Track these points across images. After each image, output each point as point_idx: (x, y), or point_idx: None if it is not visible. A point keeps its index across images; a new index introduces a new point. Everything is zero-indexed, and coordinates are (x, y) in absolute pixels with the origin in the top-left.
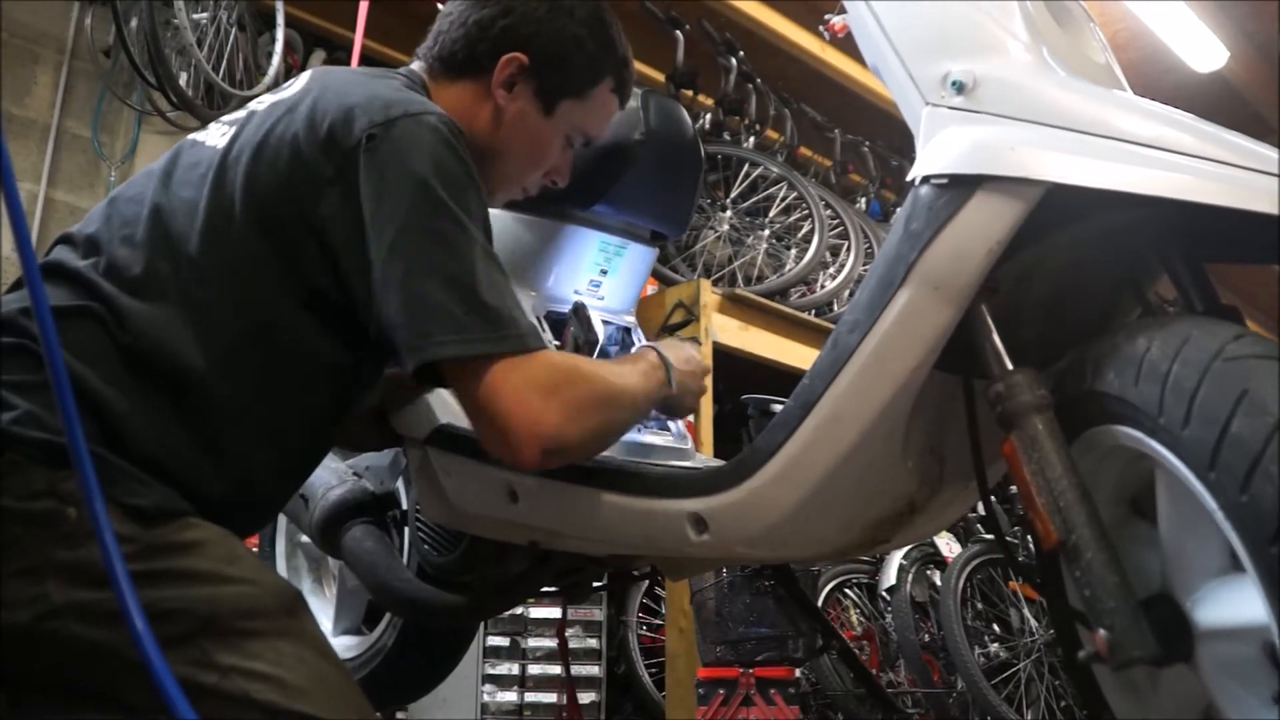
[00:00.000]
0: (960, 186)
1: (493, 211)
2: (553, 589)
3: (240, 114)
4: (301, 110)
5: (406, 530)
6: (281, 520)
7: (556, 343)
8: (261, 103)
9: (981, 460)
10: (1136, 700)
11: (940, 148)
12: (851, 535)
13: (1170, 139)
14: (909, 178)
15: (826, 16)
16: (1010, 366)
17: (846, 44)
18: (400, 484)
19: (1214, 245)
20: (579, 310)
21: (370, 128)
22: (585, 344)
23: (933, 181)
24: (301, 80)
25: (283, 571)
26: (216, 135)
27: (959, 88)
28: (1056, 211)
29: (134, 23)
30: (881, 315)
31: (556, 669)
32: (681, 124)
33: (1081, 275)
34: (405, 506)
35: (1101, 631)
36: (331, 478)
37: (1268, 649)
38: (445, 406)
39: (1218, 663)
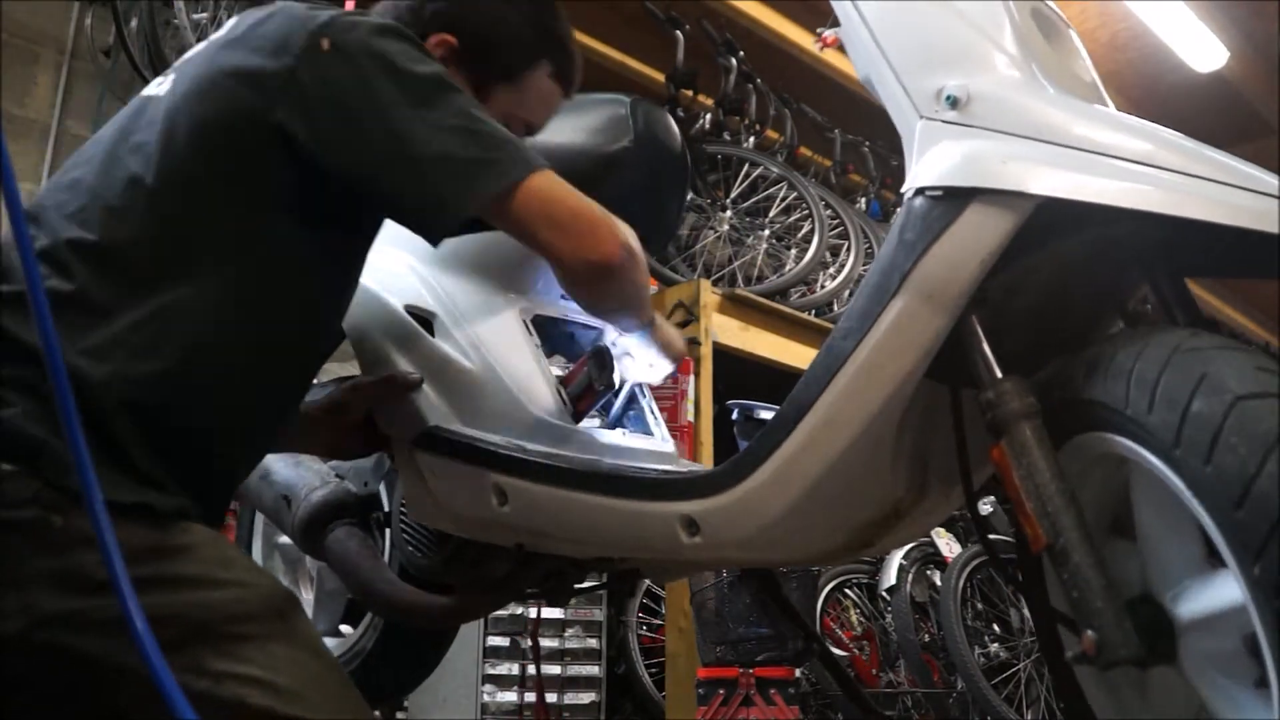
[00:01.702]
0: (955, 199)
1: None
2: (534, 591)
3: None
4: (240, 40)
5: (389, 532)
6: (259, 521)
7: (559, 373)
8: (196, 49)
9: (968, 466)
10: (1125, 710)
11: (935, 160)
12: (838, 539)
13: (1157, 156)
14: (903, 190)
15: (819, 30)
16: (999, 375)
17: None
18: (383, 486)
19: (1197, 259)
20: (601, 354)
21: (316, 28)
22: (596, 389)
23: (927, 193)
24: (233, 19)
25: None
26: (156, 87)
27: (953, 102)
28: (1046, 225)
29: (134, 23)
30: (875, 323)
31: (556, 669)
32: (669, 132)
33: (1067, 288)
34: (388, 508)
35: (1089, 632)
36: (314, 479)
37: (1247, 641)
38: (434, 408)
39: (1200, 657)
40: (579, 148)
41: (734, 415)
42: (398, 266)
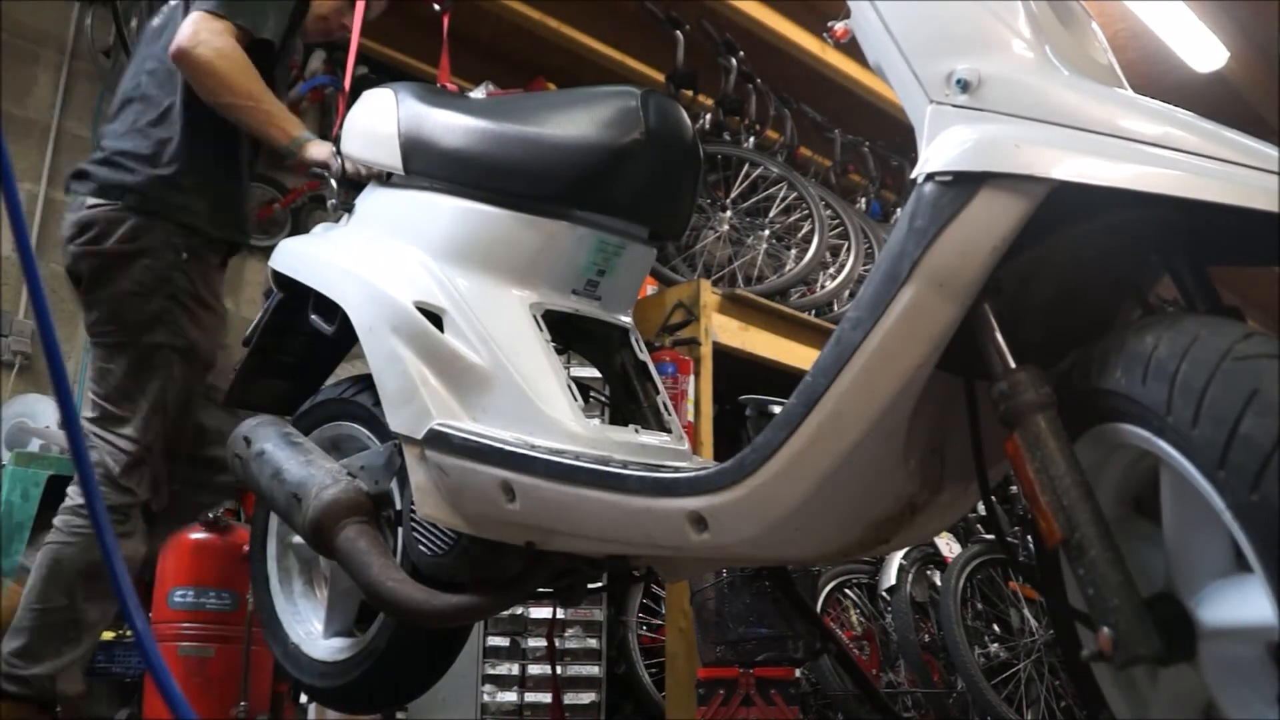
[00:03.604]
0: (965, 184)
1: (489, 209)
2: (548, 590)
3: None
4: None
5: (400, 531)
6: (273, 521)
7: (556, 343)
8: None
9: (983, 461)
10: (1136, 700)
11: (945, 145)
12: (852, 535)
13: (1174, 137)
14: (913, 175)
15: (830, 23)
16: (1013, 365)
17: (847, 45)
18: (394, 484)
19: (1216, 246)
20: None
21: None
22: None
23: (937, 179)
24: None
25: (274, 574)
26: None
27: (964, 86)
28: (1060, 210)
29: (134, 23)
30: (885, 312)
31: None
32: (681, 124)
33: (1083, 277)
34: (399, 506)
35: (1105, 630)
36: (325, 477)
37: (1271, 649)
38: (442, 405)
39: (1221, 662)
40: (590, 141)
41: (747, 411)
42: (407, 262)
